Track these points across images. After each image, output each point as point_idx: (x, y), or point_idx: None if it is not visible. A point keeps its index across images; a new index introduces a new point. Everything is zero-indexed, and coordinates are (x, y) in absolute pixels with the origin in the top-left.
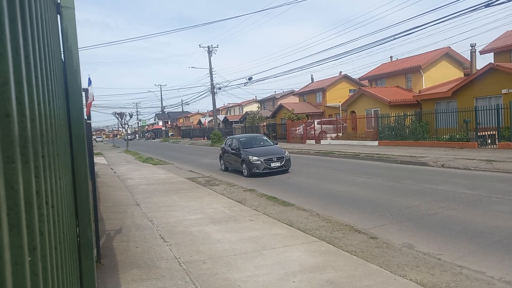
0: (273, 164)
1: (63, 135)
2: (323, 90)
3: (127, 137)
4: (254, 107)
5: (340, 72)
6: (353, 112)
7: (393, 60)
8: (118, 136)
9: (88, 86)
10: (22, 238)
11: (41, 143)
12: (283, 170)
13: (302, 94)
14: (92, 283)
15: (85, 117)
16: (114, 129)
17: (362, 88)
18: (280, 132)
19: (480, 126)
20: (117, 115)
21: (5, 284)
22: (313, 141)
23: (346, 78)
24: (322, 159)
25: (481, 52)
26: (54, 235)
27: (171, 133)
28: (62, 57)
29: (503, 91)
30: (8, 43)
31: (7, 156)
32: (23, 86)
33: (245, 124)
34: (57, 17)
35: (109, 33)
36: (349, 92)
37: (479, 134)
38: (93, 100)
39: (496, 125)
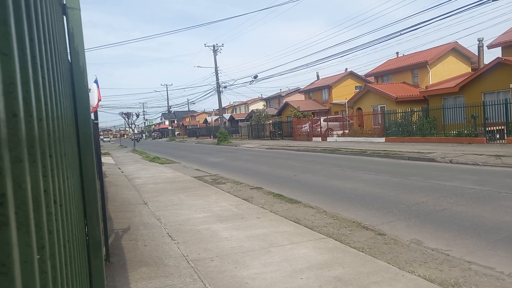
0: None
1: (70, 135)
2: (329, 87)
3: (134, 137)
4: (260, 105)
5: (346, 69)
6: (359, 109)
7: (399, 56)
8: (125, 136)
9: (97, 87)
10: (31, 237)
11: (48, 142)
12: None
13: (307, 92)
14: (101, 281)
15: (92, 117)
16: (121, 129)
17: (368, 84)
18: (286, 130)
19: (489, 121)
20: (124, 115)
21: (14, 282)
22: (319, 139)
23: (352, 75)
24: (329, 156)
25: (489, 47)
26: (62, 233)
27: (178, 132)
28: (69, 58)
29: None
30: (14, 44)
31: (15, 156)
32: (30, 86)
33: (251, 123)
34: (63, 18)
35: (113, 34)
36: (355, 89)
37: (487, 129)
38: (100, 100)
39: (505, 120)
